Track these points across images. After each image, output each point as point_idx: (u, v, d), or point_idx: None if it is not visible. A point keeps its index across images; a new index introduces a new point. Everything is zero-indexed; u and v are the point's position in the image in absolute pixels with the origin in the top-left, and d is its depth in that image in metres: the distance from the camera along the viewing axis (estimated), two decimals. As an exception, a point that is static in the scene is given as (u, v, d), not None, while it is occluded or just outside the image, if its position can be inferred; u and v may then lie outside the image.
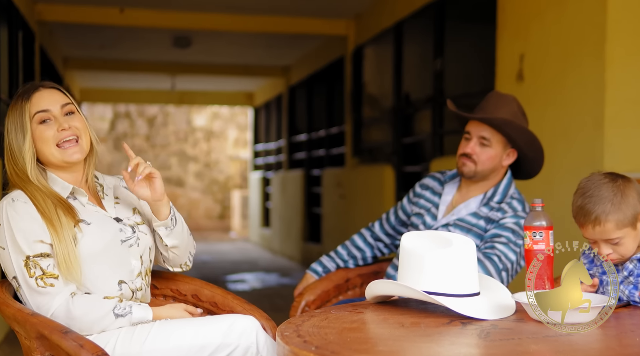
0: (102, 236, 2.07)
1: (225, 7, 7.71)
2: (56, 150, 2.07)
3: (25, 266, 1.96)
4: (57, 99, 2.10)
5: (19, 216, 1.98)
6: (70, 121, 2.09)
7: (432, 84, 6.11)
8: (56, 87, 2.15)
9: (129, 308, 2.03)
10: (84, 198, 2.12)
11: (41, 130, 2.07)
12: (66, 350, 1.77)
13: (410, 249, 1.96)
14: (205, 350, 1.99)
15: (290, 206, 10.71)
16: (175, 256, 2.25)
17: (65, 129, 2.07)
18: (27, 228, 1.97)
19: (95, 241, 2.04)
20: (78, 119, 2.11)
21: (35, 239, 1.97)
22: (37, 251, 1.97)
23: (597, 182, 1.94)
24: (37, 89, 2.11)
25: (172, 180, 16.13)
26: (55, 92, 2.12)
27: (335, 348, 1.56)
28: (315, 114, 9.92)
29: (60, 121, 2.07)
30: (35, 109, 2.07)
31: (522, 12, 4.71)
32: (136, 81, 12.47)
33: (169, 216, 2.15)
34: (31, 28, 7.18)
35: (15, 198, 2.02)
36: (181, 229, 2.21)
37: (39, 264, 1.96)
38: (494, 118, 2.63)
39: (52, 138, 2.07)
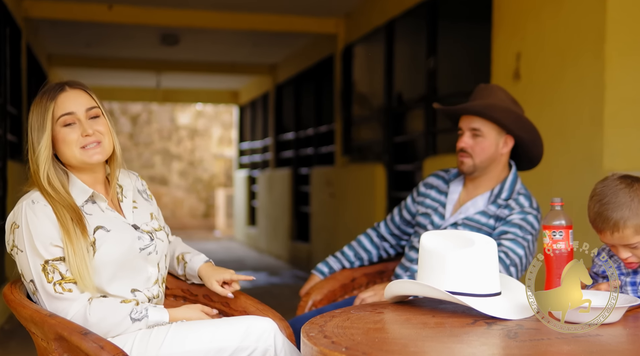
0: (121, 244, 2.03)
1: (214, 4, 7.66)
2: (79, 152, 2.04)
3: (43, 270, 1.92)
4: (83, 101, 2.06)
5: (38, 220, 1.94)
6: (94, 125, 2.05)
7: (425, 82, 6.11)
8: (82, 88, 2.10)
9: (145, 311, 2.00)
10: (104, 203, 2.08)
11: (65, 133, 2.03)
12: (86, 351, 1.73)
13: (431, 249, 1.94)
14: (223, 353, 1.96)
15: (277, 205, 10.68)
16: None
17: (89, 135, 2.03)
18: (46, 232, 1.93)
19: (113, 249, 2.01)
20: (102, 123, 2.08)
21: (53, 244, 1.93)
22: (56, 255, 1.93)
23: (613, 187, 1.93)
24: (63, 89, 2.07)
25: (155, 179, 16.03)
26: (82, 93, 2.08)
27: (365, 348, 1.54)
28: (303, 113, 9.89)
29: (85, 125, 2.03)
30: (60, 112, 2.03)
31: (518, 10, 4.71)
32: (120, 79, 12.37)
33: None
34: (18, 25, 7.09)
35: (36, 200, 1.97)
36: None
37: (57, 269, 1.92)
38: (475, 104, 2.63)
39: (75, 142, 2.03)
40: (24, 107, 7.29)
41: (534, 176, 4.29)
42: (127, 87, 13.33)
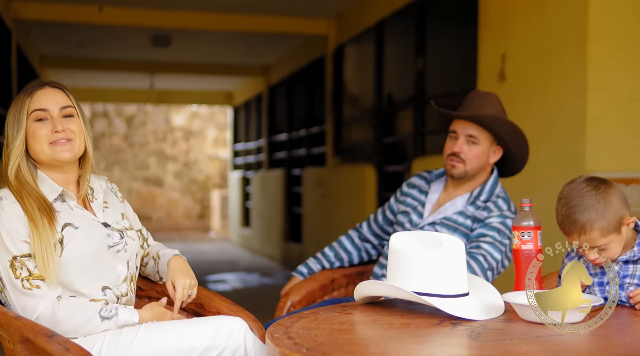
0: (90, 241, 2.03)
1: (205, 5, 7.66)
2: (48, 147, 2.05)
3: (11, 266, 1.92)
4: (59, 99, 2.08)
5: (6, 215, 1.95)
6: (66, 123, 2.06)
7: (414, 83, 6.12)
8: (61, 87, 2.13)
9: (115, 311, 2.00)
10: (73, 202, 2.09)
11: (35, 127, 2.05)
12: (52, 353, 1.73)
13: (399, 250, 1.95)
14: (193, 352, 1.97)
15: (270, 206, 10.69)
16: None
17: (58, 131, 2.04)
18: (14, 227, 1.94)
19: (81, 246, 2.01)
20: (75, 122, 2.09)
21: (21, 239, 1.94)
22: (24, 251, 1.94)
23: (579, 190, 1.93)
24: (41, 87, 2.09)
25: (150, 180, 16.03)
26: (59, 92, 2.10)
27: (326, 349, 1.55)
28: (295, 114, 9.90)
29: (56, 122, 2.05)
30: (34, 107, 2.05)
31: (503, 12, 4.72)
32: (114, 80, 12.38)
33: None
34: (7, 26, 7.09)
35: (4, 196, 1.99)
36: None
37: (25, 265, 1.93)
38: (483, 115, 2.64)
39: (44, 137, 2.05)
40: (14, 109, 7.28)
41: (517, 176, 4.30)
42: (121, 89, 13.33)
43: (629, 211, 1.97)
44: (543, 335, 1.66)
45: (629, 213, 1.98)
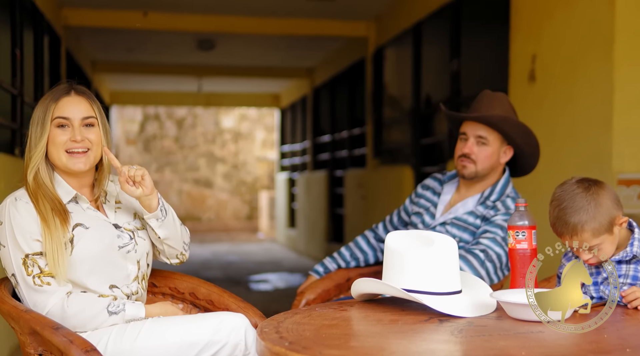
0: (99, 241, 2.13)
1: (247, 10, 7.80)
2: (64, 155, 2.14)
3: (23, 264, 2.03)
4: (82, 109, 2.15)
5: (20, 215, 2.05)
6: (85, 133, 2.15)
7: (449, 85, 6.13)
8: (86, 96, 2.19)
9: (123, 306, 2.10)
10: (86, 204, 2.18)
11: (56, 133, 2.14)
12: (57, 345, 1.84)
13: (393, 248, 2.00)
14: (195, 346, 2.05)
15: (314, 207, 10.78)
16: (169, 248, 2.28)
17: (77, 141, 2.13)
18: (27, 227, 2.05)
19: (91, 245, 2.10)
20: (94, 132, 2.17)
21: (33, 238, 2.04)
22: (36, 250, 2.04)
23: (570, 192, 1.95)
24: (67, 93, 2.17)
25: (200, 181, 16.30)
26: (83, 101, 2.17)
27: (307, 343, 1.61)
28: (338, 115, 9.97)
29: (76, 131, 2.13)
30: (58, 114, 2.13)
31: (534, 12, 4.71)
32: (164, 84, 12.64)
33: (158, 207, 2.19)
34: (57, 33, 7.33)
35: (19, 197, 2.09)
36: (172, 219, 2.25)
37: (37, 263, 2.04)
38: (491, 116, 2.67)
39: (62, 144, 2.13)
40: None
41: (545, 177, 4.30)
42: (170, 92, 13.61)
43: (622, 211, 1.99)
44: (525, 331, 1.70)
45: (622, 213, 1.99)
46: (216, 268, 9.97)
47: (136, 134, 16.11)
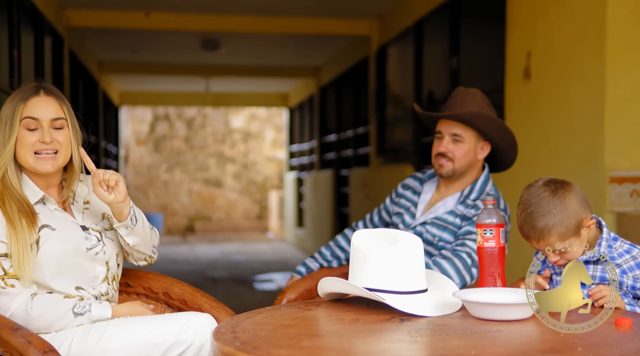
0: (65, 242, 2.11)
1: (249, 9, 7.79)
2: (32, 157, 2.12)
3: None
4: (51, 110, 2.13)
5: None
6: (54, 134, 2.13)
7: (449, 82, 6.09)
8: (55, 95, 2.17)
9: (88, 306, 2.09)
10: (53, 205, 2.17)
11: (24, 135, 2.12)
12: (15, 346, 1.83)
13: (357, 247, 1.98)
14: (160, 347, 2.04)
15: (321, 206, 10.76)
16: (138, 252, 2.28)
17: (46, 143, 2.11)
18: None
19: (56, 246, 2.09)
20: (64, 134, 2.15)
21: None
22: (1, 251, 2.04)
23: (537, 196, 1.93)
24: (36, 93, 2.14)
25: (210, 181, 16.32)
26: (53, 102, 2.15)
27: (259, 343, 1.60)
28: (344, 115, 9.94)
29: (45, 132, 2.11)
30: (27, 114, 2.11)
31: (529, 9, 4.66)
32: (172, 84, 12.67)
33: (129, 216, 2.17)
34: (59, 33, 7.36)
35: None
36: (142, 226, 2.23)
37: (1, 265, 2.03)
38: (462, 113, 2.64)
39: (31, 145, 2.12)
40: (66, 113, 7.56)
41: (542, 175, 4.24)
42: (178, 92, 13.63)
43: (589, 212, 1.96)
44: (483, 331, 1.67)
45: (589, 214, 1.96)
46: (223, 268, 9.98)
47: (146, 134, 16.16)
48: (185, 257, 11.51)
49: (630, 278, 1.94)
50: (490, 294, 1.88)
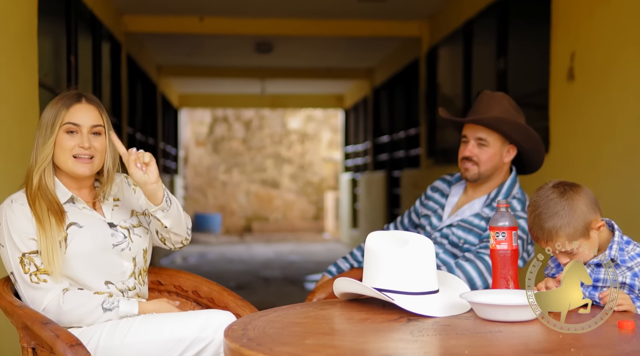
0: (92, 239, 2.22)
1: (301, 12, 7.89)
2: (71, 160, 2.25)
3: (20, 262, 2.15)
4: (91, 117, 2.26)
5: (15, 217, 2.17)
6: (92, 140, 2.26)
7: (496, 83, 6.06)
8: (95, 103, 2.30)
9: (117, 303, 2.20)
10: (81, 204, 2.29)
11: (64, 138, 2.25)
12: (44, 339, 1.95)
13: (370, 248, 2.03)
14: (182, 343, 2.13)
15: (374, 207, 10.80)
16: (174, 235, 2.35)
17: (84, 148, 2.24)
18: (22, 227, 2.16)
19: (83, 243, 2.20)
20: (100, 141, 2.28)
21: (29, 237, 2.16)
22: (32, 249, 2.16)
23: (545, 198, 1.95)
24: (79, 101, 2.28)
25: (267, 182, 16.52)
26: (93, 109, 2.28)
27: (264, 340, 1.67)
28: (396, 116, 9.96)
29: (84, 138, 2.24)
30: (68, 120, 2.24)
31: (573, 10, 4.62)
32: (229, 86, 12.88)
33: (164, 198, 2.25)
34: (117, 39, 7.60)
35: (15, 199, 2.21)
36: (176, 209, 2.31)
37: (33, 261, 2.15)
38: (486, 118, 2.66)
39: (70, 149, 2.24)
40: (123, 117, 7.80)
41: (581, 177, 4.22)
42: (235, 94, 13.85)
43: (598, 214, 1.97)
44: (484, 331, 1.71)
45: (599, 216, 1.97)
46: (276, 268, 10.10)
47: (205, 136, 16.45)
48: (240, 256, 11.70)
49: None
50: (497, 296, 1.90)
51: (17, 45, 3.98)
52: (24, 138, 4.02)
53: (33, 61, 4.28)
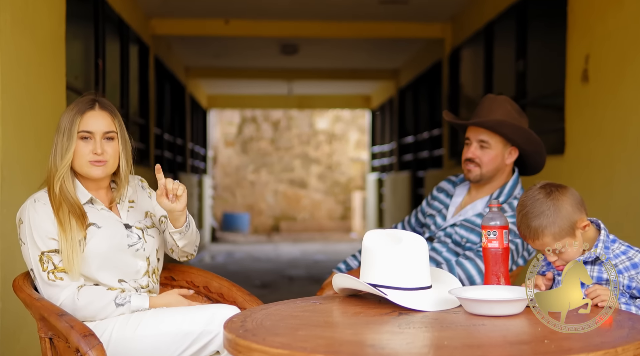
0: (109, 239, 2.35)
1: (326, 14, 8.00)
2: (86, 164, 2.38)
3: (39, 260, 2.28)
4: (104, 123, 2.39)
5: (38, 216, 2.30)
6: (105, 146, 2.38)
7: (515, 85, 6.11)
8: (109, 109, 2.42)
9: (129, 298, 2.32)
10: (100, 205, 2.42)
11: (80, 145, 2.38)
12: (60, 329, 2.08)
13: (366, 246, 2.14)
14: (189, 336, 2.25)
15: (399, 207, 10.87)
16: (182, 252, 2.51)
17: (97, 153, 2.37)
18: (44, 227, 2.29)
19: (101, 243, 2.33)
20: (113, 146, 2.40)
21: (49, 237, 2.29)
22: (51, 247, 2.29)
23: (532, 198, 2.04)
24: (92, 108, 2.40)
25: (295, 182, 16.66)
26: (106, 116, 2.40)
27: (259, 331, 1.78)
28: (420, 117, 10.03)
29: (97, 144, 2.37)
30: (83, 128, 2.37)
31: (587, 12, 4.67)
32: (256, 87, 13.04)
33: (184, 224, 2.41)
34: (145, 42, 7.78)
35: (37, 199, 2.35)
36: (192, 231, 2.47)
37: (51, 259, 2.28)
38: (487, 121, 2.75)
39: (86, 155, 2.37)
40: (151, 117, 7.98)
41: (593, 180, 4.28)
42: (263, 95, 14.01)
43: (584, 214, 2.05)
44: (468, 325, 1.80)
45: (584, 216, 2.05)
46: (302, 267, 10.23)
47: (234, 136, 16.65)
48: (267, 255, 11.84)
49: (626, 277, 2.02)
50: (485, 292, 1.99)
51: (46, 49, 4.15)
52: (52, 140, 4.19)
53: (61, 65, 4.44)
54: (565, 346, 1.55)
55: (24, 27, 3.80)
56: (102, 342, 2.10)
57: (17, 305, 3.56)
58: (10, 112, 3.58)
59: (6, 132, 3.51)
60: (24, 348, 3.69)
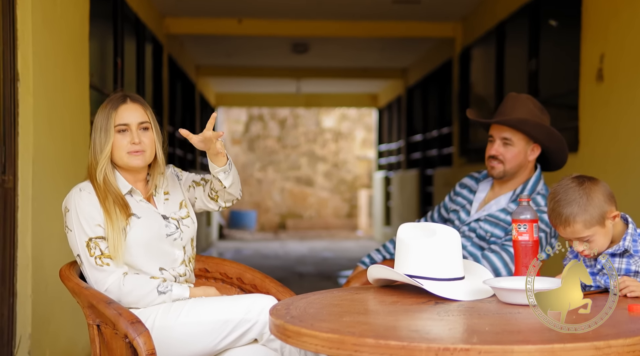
0: (149, 229, 2.45)
1: (337, 14, 8.09)
2: (126, 155, 2.48)
3: (87, 246, 2.38)
4: (138, 115, 2.49)
5: (84, 203, 2.40)
6: (142, 136, 2.49)
7: (527, 84, 6.19)
8: (140, 102, 2.53)
9: (170, 287, 2.42)
10: (139, 197, 2.52)
11: (118, 138, 2.48)
12: (109, 316, 2.17)
13: (401, 239, 2.22)
14: (229, 324, 2.34)
15: (407, 205, 10.95)
16: (229, 195, 2.56)
17: (135, 143, 2.47)
18: (90, 214, 2.39)
19: (142, 233, 2.43)
20: (148, 136, 2.51)
21: (96, 223, 2.39)
22: (98, 234, 2.39)
23: (564, 186, 2.12)
24: (124, 102, 2.51)
25: (302, 180, 16.75)
26: (138, 108, 2.51)
27: (306, 318, 1.86)
28: (429, 115, 10.11)
29: (134, 135, 2.47)
30: (118, 121, 2.47)
31: (602, 11, 4.75)
32: (264, 85, 13.13)
33: (227, 162, 2.47)
34: (159, 41, 7.87)
35: (83, 188, 2.45)
36: (234, 170, 2.52)
37: (98, 245, 2.38)
38: (510, 119, 2.84)
39: (124, 147, 2.48)
40: (164, 115, 8.07)
41: (612, 177, 4.36)
42: (271, 94, 14.10)
43: (614, 206, 2.13)
44: (504, 312, 1.89)
45: (614, 208, 2.13)
46: (310, 264, 10.32)
47: (241, 134, 16.74)
48: (275, 253, 11.94)
49: (652, 270, 2.11)
50: (518, 282, 2.08)
51: (72, 48, 4.24)
52: (76, 135, 4.29)
53: (84, 64, 4.54)
54: (603, 333, 1.63)
55: (53, 28, 3.89)
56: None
57: (46, 296, 3.66)
58: (42, 111, 3.67)
59: (38, 129, 3.61)
60: (53, 337, 3.79)
